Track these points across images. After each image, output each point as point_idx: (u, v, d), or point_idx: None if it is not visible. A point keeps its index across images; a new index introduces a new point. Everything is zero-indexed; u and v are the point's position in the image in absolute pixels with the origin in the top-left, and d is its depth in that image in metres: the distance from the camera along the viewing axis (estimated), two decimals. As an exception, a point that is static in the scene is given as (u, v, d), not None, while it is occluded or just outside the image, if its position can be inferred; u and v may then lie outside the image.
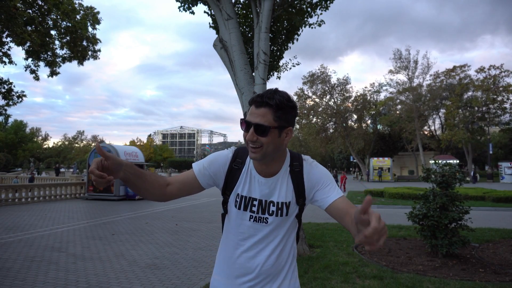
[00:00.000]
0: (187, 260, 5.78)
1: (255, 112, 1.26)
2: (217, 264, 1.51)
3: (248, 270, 1.39)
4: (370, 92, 44.52)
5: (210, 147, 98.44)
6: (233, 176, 1.40)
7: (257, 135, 1.24)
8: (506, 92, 37.38)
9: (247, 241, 1.40)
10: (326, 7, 8.13)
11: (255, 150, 1.27)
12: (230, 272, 1.43)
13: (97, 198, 16.03)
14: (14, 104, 14.14)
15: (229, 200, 1.42)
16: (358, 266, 5.05)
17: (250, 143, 1.27)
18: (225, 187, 1.41)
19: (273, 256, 1.39)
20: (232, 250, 1.43)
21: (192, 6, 7.85)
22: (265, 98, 1.24)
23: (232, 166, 1.41)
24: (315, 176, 1.40)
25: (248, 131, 1.27)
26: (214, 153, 1.45)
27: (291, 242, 1.46)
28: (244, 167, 1.41)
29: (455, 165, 5.98)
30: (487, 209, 12.38)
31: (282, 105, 1.25)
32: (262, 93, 1.28)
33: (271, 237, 1.39)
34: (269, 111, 1.24)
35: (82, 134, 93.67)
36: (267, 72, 6.80)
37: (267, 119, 1.24)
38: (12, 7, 11.46)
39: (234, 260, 1.42)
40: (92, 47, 15.57)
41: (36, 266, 5.34)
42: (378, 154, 45.73)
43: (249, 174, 1.40)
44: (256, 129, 1.24)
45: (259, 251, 1.39)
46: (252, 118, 1.26)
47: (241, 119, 1.31)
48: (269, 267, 1.39)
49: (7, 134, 67.65)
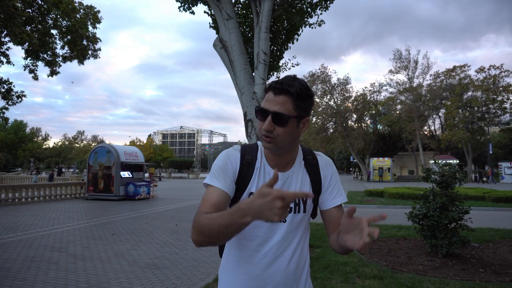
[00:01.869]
0: (187, 260, 5.78)
1: (273, 100, 1.14)
2: (226, 279, 1.30)
3: (267, 280, 1.23)
4: (370, 92, 44.56)
5: (210, 147, 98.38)
6: (245, 175, 1.25)
7: (275, 125, 1.14)
8: (506, 92, 37.40)
9: (264, 245, 1.24)
10: (326, 7, 8.13)
11: (270, 140, 1.16)
12: (247, 285, 1.25)
13: (97, 198, 16.03)
14: (13, 104, 14.13)
15: (239, 201, 1.28)
16: (358, 266, 5.05)
17: (266, 132, 1.15)
18: (237, 188, 1.25)
19: (294, 259, 1.26)
20: (247, 258, 1.25)
21: (192, 6, 7.84)
22: (285, 85, 1.13)
23: (243, 163, 1.26)
24: (329, 172, 1.33)
25: (264, 120, 1.15)
26: (220, 159, 1.27)
27: (307, 244, 1.35)
28: (256, 163, 1.27)
29: (455, 165, 5.98)
30: (487, 209, 12.38)
31: (302, 93, 1.15)
32: (281, 79, 1.17)
33: (290, 238, 1.26)
34: (289, 99, 1.13)
35: (82, 134, 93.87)
36: (267, 72, 6.79)
37: (287, 107, 1.13)
38: (11, 6, 11.44)
39: (251, 271, 1.24)
40: (92, 46, 15.58)
41: (36, 266, 5.34)
42: (378, 154, 45.76)
43: (263, 169, 1.27)
44: (274, 118, 1.13)
45: (277, 255, 1.24)
46: (269, 106, 1.14)
47: (257, 107, 1.19)
48: (291, 272, 1.26)
49: (7, 134, 67.65)
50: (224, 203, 1.17)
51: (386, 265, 5.11)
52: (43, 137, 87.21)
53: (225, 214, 0.97)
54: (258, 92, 6.16)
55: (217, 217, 1.00)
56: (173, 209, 12.76)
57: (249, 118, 6.16)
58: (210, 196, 1.18)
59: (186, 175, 54.03)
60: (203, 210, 1.12)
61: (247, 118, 6.20)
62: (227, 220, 0.96)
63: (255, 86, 6.26)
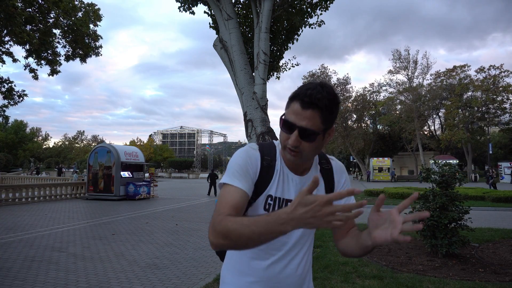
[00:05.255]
0: (187, 260, 5.79)
1: (300, 114, 1.07)
2: (232, 280, 1.27)
3: (279, 284, 1.21)
4: (369, 92, 44.58)
5: (210, 147, 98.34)
6: (264, 176, 1.20)
7: (302, 140, 1.08)
8: (506, 92, 37.44)
9: (279, 250, 1.21)
10: (326, 7, 8.13)
11: (295, 154, 1.11)
12: (255, 287, 1.22)
13: (97, 198, 16.03)
14: (15, 104, 14.14)
15: (254, 203, 1.20)
16: (358, 266, 5.06)
17: (291, 147, 1.10)
18: (255, 190, 1.19)
19: (303, 263, 1.26)
20: (259, 262, 1.22)
21: (192, 6, 7.84)
22: (314, 99, 1.05)
23: (263, 164, 1.20)
24: (343, 178, 1.33)
25: (289, 132, 1.09)
26: (240, 157, 1.21)
27: (312, 246, 1.35)
28: (276, 164, 1.22)
29: (454, 165, 5.99)
30: (487, 209, 12.39)
31: (331, 106, 1.09)
32: (309, 90, 1.07)
33: (302, 242, 1.25)
34: (317, 113, 1.07)
35: (82, 134, 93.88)
36: (267, 72, 6.80)
37: (315, 122, 1.07)
38: (11, 6, 11.44)
39: (261, 274, 1.21)
40: (94, 43, 15.57)
41: (36, 266, 5.34)
42: (378, 154, 45.78)
43: (282, 172, 1.22)
44: (302, 133, 1.07)
45: (290, 259, 1.23)
46: (297, 120, 1.07)
47: (281, 118, 1.12)
48: (299, 276, 1.24)
49: (7, 134, 67.65)
50: (244, 205, 1.12)
51: (386, 265, 5.11)
52: (43, 137, 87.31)
53: (261, 222, 0.91)
54: (258, 92, 6.17)
55: (249, 223, 0.93)
56: (173, 209, 12.77)
57: (249, 118, 6.16)
58: (230, 196, 1.11)
59: (186, 175, 54.05)
60: (224, 211, 1.05)
61: (247, 118, 6.21)
62: (263, 228, 0.90)
63: (255, 86, 6.26)
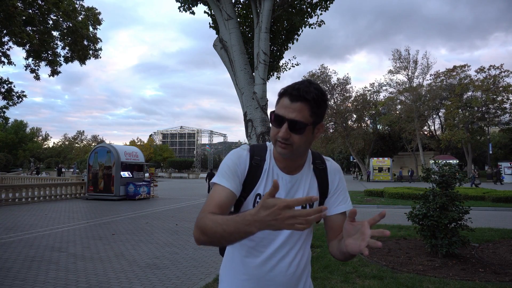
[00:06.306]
0: (187, 260, 5.79)
1: (289, 107, 1.12)
2: (228, 279, 1.31)
3: (270, 282, 1.24)
4: (370, 92, 44.58)
5: (210, 147, 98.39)
6: (253, 176, 1.24)
7: (291, 132, 1.12)
8: (506, 92, 37.44)
9: (267, 247, 1.24)
10: (326, 7, 8.14)
11: (285, 146, 1.15)
12: (249, 285, 1.26)
13: (97, 198, 16.03)
14: (14, 104, 14.13)
15: (244, 202, 1.26)
16: (358, 266, 5.06)
17: (281, 139, 1.14)
18: (243, 189, 1.24)
19: (295, 262, 1.26)
20: (250, 260, 1.26)
21: (192, 6, 7.85)
22: (302, 92, 1.11)
23: (251, 164, 1.25)
24: (337, 179, 1.33)
25: (279, 126, 1.14)
26: (229, 159, 1.26)
27: (309, 246, 1.35)
28: (265, 164, 1.26)
29: (454, 165, 5.99)
30: (487, 209, 12.39)
31: (319, 100, 1.13)
32: (297, 85, 1.14)
33: (292, 241, 1.26)
34: (305, 106, 1.12)
35: (82, 134, 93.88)
36: (267, 72, 6.80)
37: (304, 115, 1.12)
38: (11, 6, 11.44)
39: (253, 272, 1.25)
40: (93, 46, 15.58)
41: (36, 266, 5.34)
42: (378, 154, 45.78)
43: (271, 171, 1.26)
44: (291, 125, 1.11)
45: (281, 258, 1.25)
46: (286, 113, 1.12)
47: (272, 112, 1.18)
48: (292, 275, 1.26)
49: (7, 134, 67.70)
50: (229, 203, 1.17)
51: (386, 265, 5.11)
52: (43, 137, 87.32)
53: (231, 221, 0.96)
54: (258, 92, 6.17)
55: (222, 221, 0.98)
56: (173, 209, 12.77)
57: (249, 118, 6.16)
58: (216, 195, 1.16)
59: (186, 175, 54.05)
60: (208, 209, 1.11)
61: (247, 118, 6.21)
62: (232, 227, 0.95)
63: (255, 86, 6.26)
